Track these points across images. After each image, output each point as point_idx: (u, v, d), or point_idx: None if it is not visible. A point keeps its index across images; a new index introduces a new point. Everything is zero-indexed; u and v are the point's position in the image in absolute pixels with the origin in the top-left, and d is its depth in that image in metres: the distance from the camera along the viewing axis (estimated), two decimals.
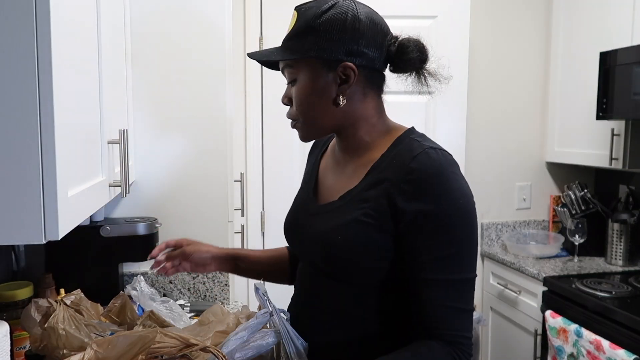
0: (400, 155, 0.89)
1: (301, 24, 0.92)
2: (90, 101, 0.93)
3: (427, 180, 0.85)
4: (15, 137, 0.65)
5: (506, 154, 2.69)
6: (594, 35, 2.29)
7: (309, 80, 0.93)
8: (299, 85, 0.94)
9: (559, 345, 1.99)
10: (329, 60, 0.91)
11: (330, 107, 0.94)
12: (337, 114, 0.94)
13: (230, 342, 0.86)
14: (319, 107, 0.94)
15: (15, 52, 0.64)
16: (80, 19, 0.86)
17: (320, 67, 0.92)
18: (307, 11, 0.92)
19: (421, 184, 0.85)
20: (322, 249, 0.93)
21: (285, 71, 0.96)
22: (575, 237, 2.39)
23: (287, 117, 0.99)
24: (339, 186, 0.98)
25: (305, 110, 0.94)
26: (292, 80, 0.95)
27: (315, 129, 0.97)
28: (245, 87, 2.34)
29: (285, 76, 0.97)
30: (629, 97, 1.97)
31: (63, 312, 1.04)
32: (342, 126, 0.96)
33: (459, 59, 2.39)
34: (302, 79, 0.93)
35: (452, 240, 0.85)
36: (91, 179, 0.92)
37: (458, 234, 0.86)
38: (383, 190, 0.88)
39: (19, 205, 0.65)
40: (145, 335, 0.77)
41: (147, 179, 1.71)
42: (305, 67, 0.93)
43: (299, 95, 0.94)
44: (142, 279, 1.56)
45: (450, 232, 0.85)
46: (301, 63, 0.93)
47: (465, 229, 0.87)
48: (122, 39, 1.43)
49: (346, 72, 0.91)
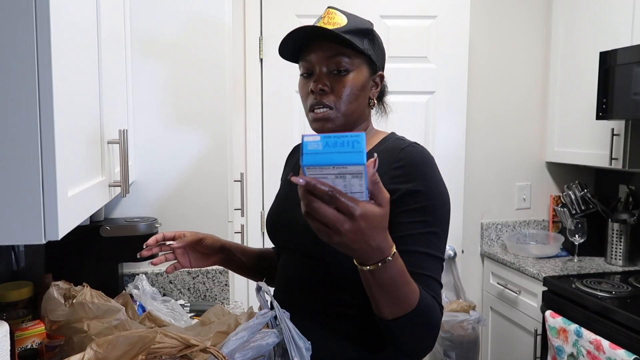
0: (388, 149, 1.00)
1: (359, 25, 1.00)
2: (90, 101, 0.93)
3: (416, 166, 0.95)
4: (15, 137, 0.65)
5: (506, 154, 2.69)
6: (594, 35, 2.29)
7: (362, 75, 1.02)
8: (353, 76, 1.00)
9: (559, 345, 1.99)
10: (375, 65, 1.04)
11: (365, 104, 1.05)
12: (365, 113, 1.06)
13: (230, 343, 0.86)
14: (360, 101, 1.03)
15: (15, 52, 0.64)
16: (80, 20, 0.86)
17: (368, 68, 1.03)
18: (356, 18, 1.02)
19: (411, 168, 0.95)
20: (310, 232, 0.92)
21: (337, 59, 0.99)
22: (575, 237, 2.39)
23: (318, 105, 1.00)
24: None
25: (351, 101, 1.00)
26: (344, 70, 1.00)
27: (346, 120, 1.02)
28: (245, 87, 2.34)
29: (331, 64, 1.00)
30: (629, 97, 1.97)
31: (90, 291, 1.05)
32: (359, 125, 1.06)
33: (459, 58, 2.39)
34: (357, 71, 1.01)
35: (434, 221, 0.93)
36: (91, 179, 0.92)
37: (439, 216, 0.94)
38: None
39: (19, 205, 0.65)
40: (146, 336, 0.77)
41: (147, 179, 1.71)
42: (359, 63, 1.01)
43: (352, 85, 1.00)
44: (144, 277, 1.56)
45: (433, 213, 0.93)
46: (359, 57, 1.01)
47: (444, 214, 0.96)
48: (122, 39, 1.43)
49: (378, 80, 1.07)
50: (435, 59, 2.38)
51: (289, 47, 1.03)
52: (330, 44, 0.99)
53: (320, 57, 1.00)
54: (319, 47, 1.00)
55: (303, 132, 1.06)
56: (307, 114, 1.04)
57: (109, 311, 1.01)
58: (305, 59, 1.03)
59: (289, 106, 2.34)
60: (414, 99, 2.40)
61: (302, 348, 0.89)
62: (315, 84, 1.00)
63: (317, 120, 1.01)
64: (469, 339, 2.31)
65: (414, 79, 2.39)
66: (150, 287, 1.54)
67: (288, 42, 1.01)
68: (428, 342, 0.91)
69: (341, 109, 1.00)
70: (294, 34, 0.99)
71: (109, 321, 0.99)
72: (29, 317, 1.28)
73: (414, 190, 0.93)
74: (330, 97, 1.00)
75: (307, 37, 1.01)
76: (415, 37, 2.37)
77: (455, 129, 2.44)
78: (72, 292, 1.06)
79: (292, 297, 1.05)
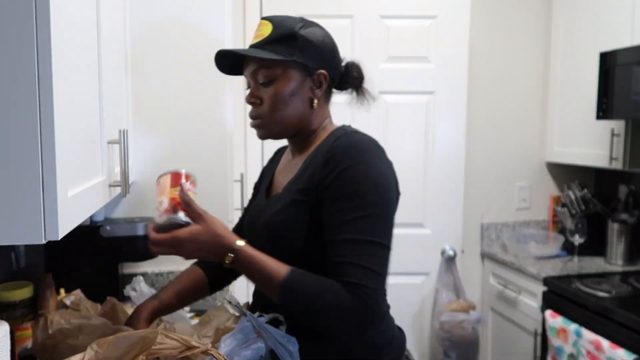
0: (327, 142, 1.04)
1: (281, 32, 1.03)
2: (90, 101, 0.93)
3: (344, 152, 0.97)
4: (15, 137, 0.64)
5: (506, 154, 2.69)
6: (594, 35, 2.29)
7: (290, 82, 1.04)
8: (278, 85, 1.03)
9: (559, 345, 1.99)
10: (307, 67, 1.04)
11: (303, 108, 1.06)
12: (306, 115, 1.07)
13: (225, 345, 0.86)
14: (294, 107, 1.05)
15: (15, 53, 0.64)
16: (80, 19, 0.86)
17: (299, 72, 1.04)
18: (285, 22, 1.04)
19: (339, 156, 0.97)
20: (266, 233, 1.04)
21: (260, 72, 1.04)
22: (575, 237, 2.39)
23: (251, 116, 1.08)
24: (285, 181, 1.10)
25: (279, 109, 1.04)
26: (268, 81, 1.04)
27: (280, 128, 1.07)
28: (245, 87, 2.34)
29: (258, 77, 1.05)
30: (629, 97, 1.97)
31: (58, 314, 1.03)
32: (303, 127, 1.09)
33: (459, 58, 2.39)
34: (282, 80, 1.03)
35: (364, 204, 0.94)
36: (91, 179, 0.91)
37: (371, 199, 0.95)
38: (311, 171, 1.01)
39: (19, 205, 0.65)
40: (146, 336, 0.77)
41: (147, 179, 1.71)
42: (284, 70, 1.03)
43: (278, 94, 1.03)
44: (142, 279, 1.56)
45: (363, 197, 0.94)
46: (280, 66, 1.03)
47: (379, 197, 0.96)
48: (122, 39, 1.43)
49: (320, 79, 1.06)
50: (435, 59, 2.38)
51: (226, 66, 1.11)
52: (252, 58, 1.05)
53: (247, 72, 1.07)
54: (245, 63, 1.07)
55: None
56: None
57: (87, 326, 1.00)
58: (244, 75, 1.10)
59: None
60: (414, 99, 2.40)
61: (288, 347, 0.88)
62: (248, 97, 1.07)
63: (254, 128, 1.09)
64: (469, 339, 2.31)
65: (414, 79, 2.39)
66: (148, 289, 1.53)
67: (220, 65, 1.10)
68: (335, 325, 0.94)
69: (272, 117, 1.05)
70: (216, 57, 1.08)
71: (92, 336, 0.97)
72: (29, 317, 1.28)
73: (341, 176, 0.95)
74: (261, 107, 1.05)
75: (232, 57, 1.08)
76: (415, 37, 2.37)
77: (455, 129, 2.43)
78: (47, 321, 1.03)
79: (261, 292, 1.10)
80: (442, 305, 2.35)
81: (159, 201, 1.01)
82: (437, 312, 2.36)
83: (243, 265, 0.97)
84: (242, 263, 0.96)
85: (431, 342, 2.49)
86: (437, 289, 2.41)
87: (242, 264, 0.96)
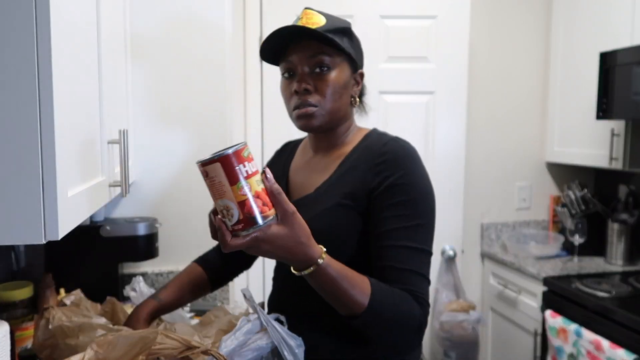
0: (371, 145, 1.01)
1: (338, 25, 1.01)
2: (90, 101, 0.93)
3: (398, 159, 0.96)
4: (15, 137, 0.64)
5: (506, 154, 2.69)
6: (594, 35, 2.29)
7: (344, 73, 1.02)
8: (335, 74, 1.00)
9: (559, 345, 1.99)
10: (356, 64, 1.05)
11: (347, 102, 1.05)
12: (347, 111, 1.06)
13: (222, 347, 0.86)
14: (344, 100, 1.03)
15: (15, 52, 0.64)
16: (80, 19, 0.86)
17: (349, 67, 1.03)
18: (334, 18, 1.02)
19: (393, 162, 0.96)
20: None
21: (317, 57, 0.99)
22: (575, 237, 2.39)
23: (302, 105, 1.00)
24: (312, 181, 1.06)
25: (335, 99, 1.01)
26: (326, 68, 0.99)
27: (331, 118, 1.02)
28: (245, 87, 2.34)
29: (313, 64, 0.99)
30: (629, 97, 1.97)
31: (59, 311, 1.03)
32: (341, 124, 1.07)
33: (459, 58, 2.39)
34: (338, 70, 1.01)
35: (417, 213, 0.94)
36: (91, 179, 0.91)
37: (422, 209, 0.95)
38: (358, 175, 0.98)
39: (19, 205, 0.65)
40: (146, 336, 0.77)
41: (147, 179, 1.71)
42: (340, 61, 1.01)
43: (334, 83, 1.00)
44: (141, 279, 1.55)
45: (416, 206, 0.95)
46: (340, 55, 1.01)
47: (428, 207, 0.97)
48: (122, 38, 1.43)
49: (358, 79, 1.07)
50: (435, 59, 2.38)
51: (271, 49, 1.03)
52: (311, 43, 0.99)
53: (301, 57, 1.00)
54: (299, 47, 1.00)
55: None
56: (291, 114, 1.04)
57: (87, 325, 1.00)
58: (287, 60, 1.02)
59: None
60: (414, 99, 2.40)
61: (293, 346, 0.89)
62: (299, 84, 0.99)
63: (302, 117, 1.00)
64: (469, 339, 2.31)
65: (414, 79, 2.39)
66: (148, 289, 1.53)
67: (270, 43, 1.00)
68: (404, 336, 0.93)
69: (326, 107, 1.00)
70: (276, 34, 0.98)
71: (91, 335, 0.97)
72: (29, 317, 1.28)
73: (396, 183, 0.94)
74: (315, 96, 1.00)
75: (289, 38, 1.01)
76: (415, 37, 2.36)
77: (455, 129, 2.43)
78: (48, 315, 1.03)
79: (285, 299, 1.08)
80: (442, 305, 2.35)
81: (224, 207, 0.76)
82: (437, 312, 2.36)
83: (321, 281, 0.86)
84: (320, 279, 0.85)
85: (431, 342, 2.49)
86: (437, 289, 2.41)
87: (320, 279, 0.85)
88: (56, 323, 0.98)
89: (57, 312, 1.00)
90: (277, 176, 1.14)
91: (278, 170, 1.18)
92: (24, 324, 1.25)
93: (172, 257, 1.72)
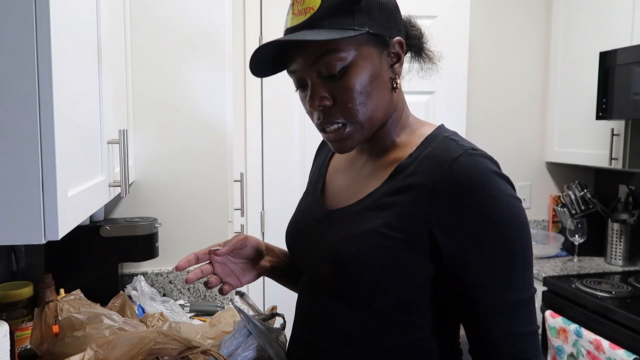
0: (435, 157, 0.75)
1: (336, 1, 0.74)
2: (90, 101, 0.93)
3: (472, 186, 0.70)
4: (15, 137, 0.64)
5: (506, 154, 2.69)
6: (594, 35, 2.29)
7: (368, 63, 0.76)
8: (354, 71, 0.75)
9: (559, 345, 1.99)
10: (382, 37, 0.77)
11: (386, 94, 0.79)
12: (389, 105, 0.81)
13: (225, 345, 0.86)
14: (378, 95, 0.78)
15: (15, 52, 0.64)
16: (80, 19, 0.86)
17: (374, 47, 0.76)
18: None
19: (467, 191, 0.70)
20: (331, 262, 0.78)
21: (323, 60, 0.74)
22: (575, 237, 2.39)
23: (325, 125, 0.78)
24: (354, 189, 0.83)
25: (364, 102, 0.76)
26: (339, 70, 0.75)
27: (370, 127, 0.79)
28: (245, 87, 2.34)
29: (321, 69, 0.75)
30: (629, 97, 1.97)
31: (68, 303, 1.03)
32: (382, 124, 0.82)
33: (459, 58, 2.39)
34: (358, 63, 0.75)
35: (513, 254, 0.71)
36: (91, 179, 0.91)
37: (517, 245, 0.72)
38: (413, 198, 0.73)
39: (19, 205, 0.65)
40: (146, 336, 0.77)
41: (147, 179, 1.71)
42: (358, 49, 0.75)
43: (357, 83, 0.75)
44: (142, 278, 1.56)
45: (509, 245, 0.71)
46: (352, 44, 0.74)
47: (523, 237, 0.73)
48: (122, 39, 1.43)
49: (396, 49, 0.80)
50: None
51: (265, 67, 0.81)
52: (310, 43, 0.75)
53: (303, 65, 0.76)
54: (298, 51, 0.76)
55: (303, 131, 1.04)
56: (321, 132, 0.81)
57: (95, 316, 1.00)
58: (289, 70, 0.79)
59: (289, 106, 2.34)
60: (414, 99, 2.40)
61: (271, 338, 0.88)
62: (312, 100, 0.76)
63: (333, 142, 0.80)
64: None
65: (414, 79, 2.38)
66: (149, 288, 1.54)
67: (256, 66, 0.79)
68: None
69: (355, 119, 0.77)
70: (258, 53, 0.76)
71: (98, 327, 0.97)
72: (29, 317, 1.27)
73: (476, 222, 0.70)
74: (337, 109, 0.76)
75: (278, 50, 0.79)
76: None
77: (455, 128, 2.41)
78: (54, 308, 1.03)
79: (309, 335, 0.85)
80: None
81: None
82: None
83: None
84: None
85: None
86: None
87: None
88: (65, 315, 0.98)
89: (64, 304, 1.01)
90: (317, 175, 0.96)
91: (316, 168, 0.98)
92: (24, 324, 1.25)
93: (172, 257, 1.71)
